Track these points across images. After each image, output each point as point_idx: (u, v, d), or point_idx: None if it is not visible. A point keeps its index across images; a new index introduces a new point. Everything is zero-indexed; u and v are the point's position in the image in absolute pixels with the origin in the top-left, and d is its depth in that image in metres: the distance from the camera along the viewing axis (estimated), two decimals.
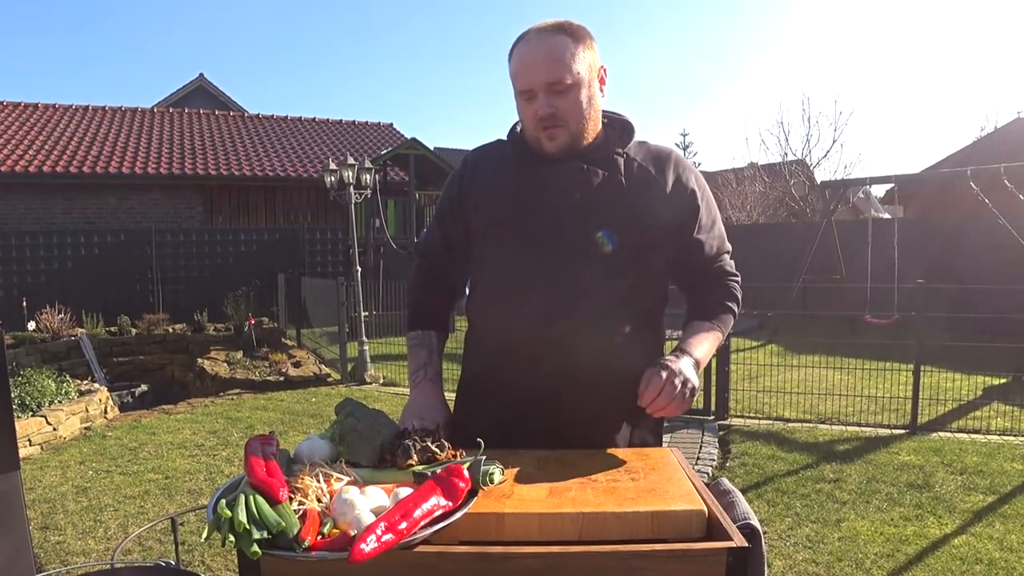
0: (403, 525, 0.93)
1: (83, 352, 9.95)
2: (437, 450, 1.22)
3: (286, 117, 18.93)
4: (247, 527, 0.95)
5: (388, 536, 0.90)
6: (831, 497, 4.01)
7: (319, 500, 1.10)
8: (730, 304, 1.53)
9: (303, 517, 1.02)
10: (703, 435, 5.39)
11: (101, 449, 5.23)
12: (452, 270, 1.59)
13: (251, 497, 1.03)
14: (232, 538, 0.94)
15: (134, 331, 11.00)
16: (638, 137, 1.48)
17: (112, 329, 10.97)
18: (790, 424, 5.59)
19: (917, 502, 3.91)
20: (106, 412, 6.38)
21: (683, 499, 1.11)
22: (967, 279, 8.48)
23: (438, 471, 1.10)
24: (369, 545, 0.88)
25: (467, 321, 1.58)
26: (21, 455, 5.05)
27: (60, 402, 5.92)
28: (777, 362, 7.24)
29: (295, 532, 0.95)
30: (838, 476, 4.34)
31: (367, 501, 1.03)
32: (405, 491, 1.05)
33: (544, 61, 1.35)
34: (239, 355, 9.68)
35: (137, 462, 4.87)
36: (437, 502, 1.01)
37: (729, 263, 1.56)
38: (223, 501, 1.03)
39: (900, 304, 8.70)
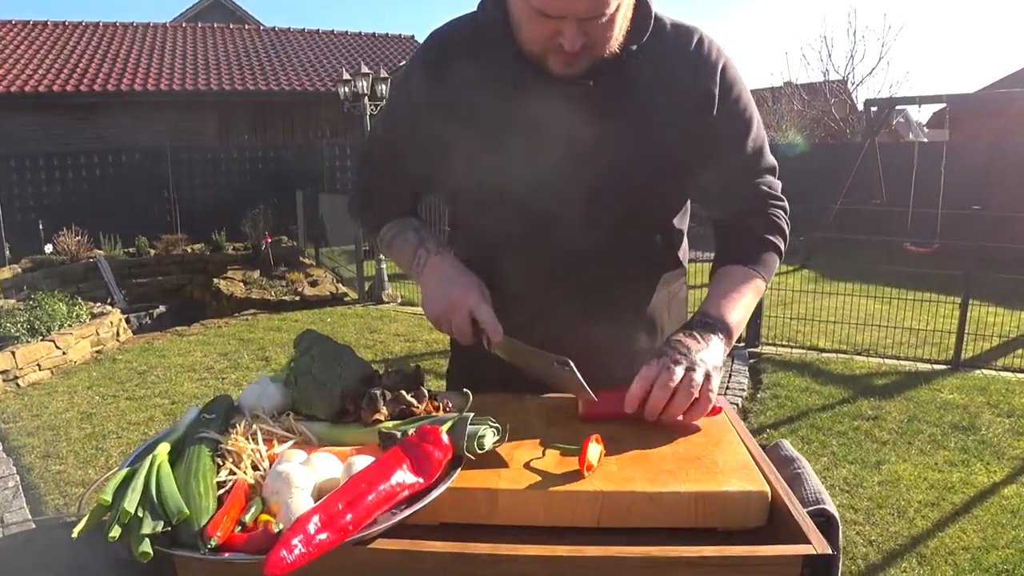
0: (348, 518, 0.66)
1: (101, 274, 9.86)
2: (414, 401, 0.94)
3: (303, 30, 18.20)
4: (137, 516, 0.69)
5: (322, 537, 0.64)
6: (870, 436, 3.75)
7: (255, 468, 0.84)
8: (775, 239, 1.18)
9: (228, 493, 0.76)
10: (732, 363, 5.11)
11: (110, 373, 5.12)
12: (405, 180, 1.27)
13: (155, 469, 0.77)
14: (117, 531, 0.69)
15: (152, 252, 10.86)
16: (655, 11, 1.09)
17: (130, 250, 10.84)
18: (824, 354, 5.30)
19: (963, 445, 3.64)
20: (118, 335, 6.27)
21: (738, 474, 0.83)
22: (1020, 207, 7.93)
23: (410, 432, 0.83)
24: (292, 553, 0.61)
25: None
26: (31, 380, 4.98)
27: (70, 325, 5.79)
28: (812, 288, 6.86)
29: (203, 524, 0.69)
30: (877, 413, 4.07)
31: (310, 474, 0.76)
32: (363, 461, 0.78)
33: None
34: (256, 275, 9.51)
35: (145, 386, 4.75)
36: (402, 480, 0.74)
37: (773, 183, 1.21)
38: (120, 475, 0.77)
39: (943, 232, 8.20)
